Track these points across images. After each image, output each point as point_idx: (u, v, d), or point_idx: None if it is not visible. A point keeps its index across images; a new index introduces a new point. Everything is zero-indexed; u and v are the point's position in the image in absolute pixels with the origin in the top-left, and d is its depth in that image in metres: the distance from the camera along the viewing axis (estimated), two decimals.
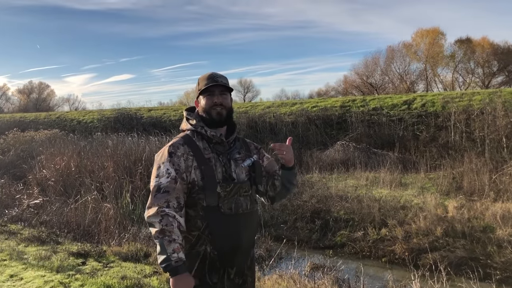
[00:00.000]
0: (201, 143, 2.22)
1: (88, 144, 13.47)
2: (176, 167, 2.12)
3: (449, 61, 42.17)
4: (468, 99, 16.26)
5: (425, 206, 8.77)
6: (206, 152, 2.20)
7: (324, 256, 7.76)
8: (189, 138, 2.23)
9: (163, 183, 2.07)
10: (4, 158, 16.01)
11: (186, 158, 2.15)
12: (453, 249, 7.21)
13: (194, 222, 2.14)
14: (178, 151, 2.16)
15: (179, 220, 2.02)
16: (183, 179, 2.12)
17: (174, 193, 2.06)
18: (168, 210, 2.00)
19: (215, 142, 2.23)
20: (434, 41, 41.62)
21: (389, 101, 18.52)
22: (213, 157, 2.19)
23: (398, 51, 43.80)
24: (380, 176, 11.45)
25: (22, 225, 8.23)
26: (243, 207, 2.20)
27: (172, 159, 2.13)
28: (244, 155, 2.33)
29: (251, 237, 2.31)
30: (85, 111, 33.38)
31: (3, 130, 22.63)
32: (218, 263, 2.15)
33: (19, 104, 59.65)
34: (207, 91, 2.27)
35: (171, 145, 2.20)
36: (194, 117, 2.31)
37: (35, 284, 4.81)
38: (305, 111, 19.18)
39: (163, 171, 2.12)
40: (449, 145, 14.15)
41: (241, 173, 2.26)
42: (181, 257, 1.93)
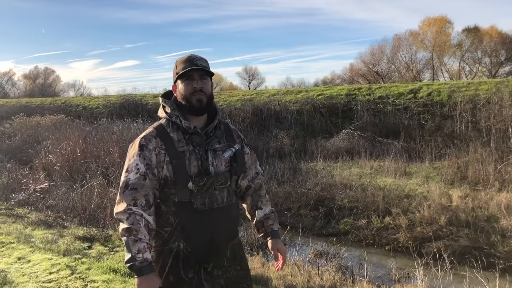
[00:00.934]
0: (176, 134, 2.04)
1: (93, 130, 13.51)
2: (148, 161, 1.97)
3: (456, 50, 41.83)
4: (475, 89, 16.15)
5: (429, 195, 8.77)
6: (180, 144, 2.02)
7: (327, 243, 7.81)
8: (162, 129, 2.05)
9: (131, 179, 1.95)
10: (11, 143, 16.11)
11: (158, 152, 1.99)
12: (457, 238, 7.23)
13: (166, 218, 2.03)
14: (150, 144, 2.00)
15: (147, 219, 1.92)
16: (154, 174, 1.98)
17: (142, 190, 1.94)
18: (135, 209, 1.90)
19: (191, 132, 2.04)
20: (441, 30, 41.26)
21: (395, 89, 18.42)
22: (188, 150, 2.02)
23: (404, 39, 43.50)
24: (384, 165, 11.45)
25: (29, 209, 8.32)
26: (218, 201, 2.07)
27: (143, 153, 1.98)
28: (226, 145, 2.15)
29: (229, 231, 2.16)
30: (91, 97, 33.45)
31: (9, 115, 22.77)
32: (193, 259, 2.05)
33: (25, 89, 59.81)
34: (185, 75, 2.06)
35: (143, 137, 2.03)
36: (170, 105, 2.11)
37: (42, 266, 4.88)
38: (310, 99, 19.12)
39: (132, 165, 1.98)
40: (455, 135, 14.09)
41: (220, 165, 2.09)
42: (146, 258, 1.87)
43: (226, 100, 21.62)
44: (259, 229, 2.32)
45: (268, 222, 2.30)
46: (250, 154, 2.32)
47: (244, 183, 2.30)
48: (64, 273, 4.70)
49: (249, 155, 2.31)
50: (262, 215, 2.31)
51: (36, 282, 4.43)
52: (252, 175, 2.32)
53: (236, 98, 21.79)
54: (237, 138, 2.25)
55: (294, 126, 17.43)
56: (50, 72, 62.99)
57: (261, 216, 2.31)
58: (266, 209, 2.33)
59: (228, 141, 2.17)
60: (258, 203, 2.33)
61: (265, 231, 2.30)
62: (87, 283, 4.42)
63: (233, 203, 2.16)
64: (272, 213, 2.33)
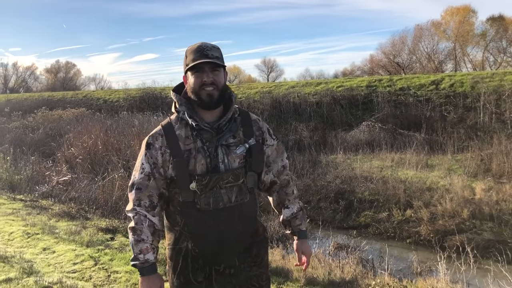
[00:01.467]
0: (183, 131, 1.93)
1: (114, 123, 13.66)
2: (154, 160, 1.91)
3: (480, 39, 40.87)
4: (499, 79, 15.79)
5: (452, 188, 8.65)
6: (187, 141, 1.91)
7: (348, 236, 7.77)
8: (169, 127, 1.95)
9: (137, 179, 1.92)
10: (34, 136, 16.42)
11: (164, 151, 1.91)
12: (480, 231, 7.12)
13: (174, 217, 1.98)
14: (156, 143, 1.93)
15: (152, 219, 1.89)
16: (161, 174, 1.92)
17: (146, 191, 1.90)
18: (139, 209, 1.89)
19: (199, 128, 1.91)
20: (465, 19, 40.34)
21: (416, 81, 18.14)
22: (195, 148, 1.89)
23: (426, 29, 42.66)
24: (406, 157, 11.32)
25: (53, 201, 8.47)
26: (224, 201, 1.92)
27: (150, 152, 1.92)
28: (241, 140, 1.98)
29: (242, 232, 2.00)
30: (111, 91, 33.81)
31: (32, 108, 23.22)
32: (201, 261, 1.97)
33: (47, 83, 60.76)
34: (195, 67, 1.90)
35: (150, 136, 1.96)
36: (178, 99, 1.99)
37: (66, 257, 4.97)
38: (330, 91, 18.98)
39: (138, 165, 1.94)
40: (478, 127, 13.84)
41: (233, 162, 1.94)
42: (148, 259, 1.86)
43: (245, 92, 21.61)
44: (286, 227, 2.20)
45: (295, 222, 2.16)
46: (276, 146, 2.13)
47: (269, 178, 2.13)
48: (87, 263, 4.78)
49: (274, 147, 2.12)
50: (289, 214, 2.16)
51: (61, 272, 4.51)
52: (277, 169, 2.14)
53: (254, 90, 21.76)
54: (257, 131, 2.06)
55: (314, 118, 17.34)
56: (71, 66, 63.84)
57: (288, 215, 2.16)
58: (294, 208, 2.17)
59: (245, 135, 2.00)
60: (285, 201, 2.17)
61: (292, 231, 2.18)
62: (110, 274, 4.49)
63: (245, 202, 1.99)
64: (300, 211, 2.17)
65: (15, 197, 8.59)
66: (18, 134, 16.60)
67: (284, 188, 2.17)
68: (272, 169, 2.13)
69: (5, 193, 9.02)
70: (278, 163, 2.14)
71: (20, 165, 10.71)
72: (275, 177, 2.13)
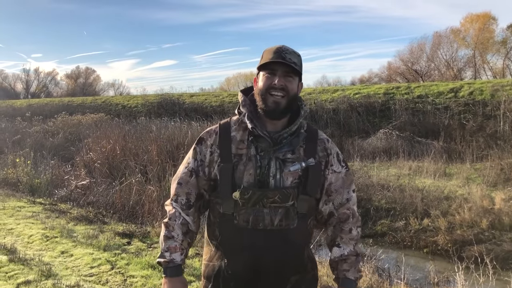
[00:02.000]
0: (240, 134, 1.76)
1: (132, 128, 13.82)
2: (202, 157, 1.79)
3: (500, 47, 40.28)
4: None
5: (470, 197, 8.52)
6: (240, 146, 1.74)
7: (364, 244, 7.70)
8: (225, 127, 1.80)
9: (180, 173, 1.83)
10: (54, 140, 16.69)
11: (213, 150, 1.77)
12: (500, 242, 6.99)
13: (213, 230, 1.81)
14: (208, 140, 1.80)
15: (186, 218, 1.78)
16: (205, 173, 1.79)
17: (185, 187, 1.80)
18: (175, 205, 1.80)
19: (257, 134, 1.71)
20: (485, 27, 39.84)
21: (434, 88, 17.97)
22: (247, 154, 1.72)
23: (445, 37, 42.24)
24: (423, 165, 11.20)
25: (71, 204, 8.59)
26: (265, 222, 1.69)
27: (200, 148, 1.81)
28: (300, 157, 1.75)
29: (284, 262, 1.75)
30: (130, 96, 34.21)
31: (53, 113, 23.61)
32: (233, 284, 1.75)
33: (67, 89, 61.82)
34: (267, 67, 1.72)
35: (206, 131, 1.84)
36: (242, 100, 1.83)
37: (84, 261, 5.04)
38: (347, 98, 18.91)
39: (186, 158, 1.86)
40: (498, 135, 13.62)
41: (286, 179, 1.71)
42: (173, 258, 1.73)
43: None
44: (333, 270, 1.89)
45: (342, 266, 1.83)
46: (344, 175, 1.87)
47: (327, 209, 1.88)
48: (104, 267, 4.84)
49: (340, 175, 1.86)
50: (338, 255, 1.84)
51: (79, 275, 4.57)
52: (339, 201, 1.86)
53: None
54: (322, 151, 1.83)
55: (330, 125, 17.28)
56: (90, 72, 64.88)
57: (337, 255, 1.85)
58: (346, 249, 1.84)
59: (306, 153, 1.77)
60: (337, 238, 1.87)
61: (337, 275, 1.85)
62: (126, 278, 4.53)
63: (291, 228, 1.73)
64: (352, 255, 1.83)
65: (34, 201, 8.74)
66: (39, 138, 16.89)
67: (341, 224, 1.87)
68: (334, 199, 1.86)
69: (25, 196, 9.18)
70: (343, 194, 1.87)
71: (40, 169, 10.88)
72: (334, 209, 1.87)
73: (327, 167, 1.83)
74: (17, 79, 61.39)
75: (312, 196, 1.79)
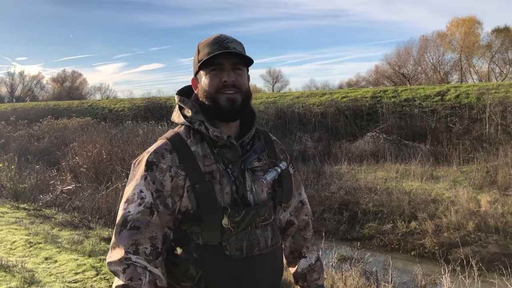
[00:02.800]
0: (200, 147, 1.42)
1: (119, 132, 13.72)
2: (158, 186, 1.35)
3: (486, 51, 40.87)
4: (505, 91, 15.74)
5: (457, 200, 8.58)
6: (207, 161, 1.40)
7: (351, 248, 7.71)
8: (180, 141, 1.43)
9: (132, 214, 1.31)
10: (39, 144, 16.50)
11: (175, 174, 1.36)
12: (486, 244, 7.05)
13: (185, 269, 1.40)
14: (162, 162, 1.37)
15: (154, 273, 1.30)
16: (167, 206, 1.35)
17: (147, 230, 1.31)
18: (135, 258, 1.28)
19: (222, 144, 1.43)
20: (470, 31, 40.39)
21: (421, 92, 18.12)
22: (218, 170, 1.41)
23: (432, 40, 42.73)
24: (410, 168, 11.27)
25: (56, 210, 8.48)
26: (260, 246, 1.44)
27: (152, 174, 1.35)
28: (267, 163, 1.53)
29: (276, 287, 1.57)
30: (116, 100, 33.97)
31: (38, 117, 23.34)
32: None
33: (53, 92, 61.27)
34: (211, 63, 1.43)
35: (152, 152, 1.40)
36: (190, 106, 1.48)
37: (68, 267, 4.95)
38: (334, 101, 18.98)
39: (134, 193, 1.35)
40: (484, 138, 13.77)
41: (260, 192, 1.47)
42: None
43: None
44: (299, 280, 1.70)
45: (312, 276, 1.68)
46: (293, 176, 1.68)
47: (285, 217, 1.68)
48: (89, 273, 4.76)
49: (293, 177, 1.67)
50: (305, 266, 1.68)
51: (63, 282, 4.49)
52: (295, 206, 1.70)
53: (259, 100, 21.80)
54: (281, 154, 1.64)
55: (318, 128, 17.33)
56: (77, 76, 64.36)
57: (304, 266, 1.68)
58: (312, 258, 1.70)
59: (270, 158, 1.57)
60: (302, 248, 1.69)
61: (307, 287, 1.68)
62: (111, 284, 4.46)
63: (278, 246, 1.55)
64: (317, 261, 1.70)
65: (18, 206, 8.60)
66: (24, 142, 16.69)
67: (302, 232, 1.71)
68: (289, 205, 1.68)
69: (9, 202, 9.03)
70: (296, 197, 1.70)
71: (24, 173, 10.74)
72: (292, 216, 1.69)
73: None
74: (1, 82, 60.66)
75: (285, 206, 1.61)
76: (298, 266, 1.68)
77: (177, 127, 1.51)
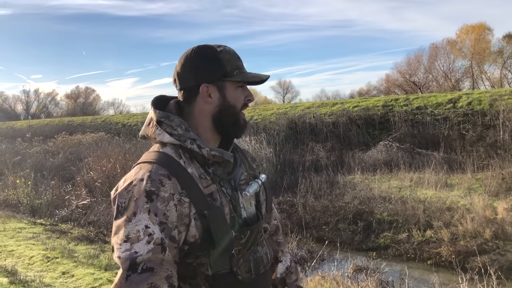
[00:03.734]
0: (194, 168, 1.29)
1: (133, 147, 13.85)
2: (161, 219, 1.17)
3: (497, 57, 40.58)
4: None
5: (473, 207, 8.49)
6: (204, 183, 1.28)
7: (367, 258, 7.65)
8: (173, 163, 1.27)
9: (141, 254, 1.11)
10: (54, 160, 16.69)
11: (179, 202, 1.21)
12: (504, 252, 6.94)
13: None
14: (162, 190, 1.19)
15: None
16: (173, 239, 1.19)
17: (162, 270, 1.13)
18: None
19: (214, 162, 1.33)
20: (480, 37, 40.16)
21: (433, 99, 18.02)
22: (217, 190, 1.30)
23: (442, 48, 42.57)
24: (424, 176, 11.17)
25: (72, 224, 8.57)
26: (264, 263, 1.40)
27: (153, 206, 1.16)
28: (248, 175, 1.46)
29: None
30: (129, 115, 34.28)
31: (53, 133, 23.66)
32: None
33: (67, 109, 62.12)
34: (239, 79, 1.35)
35: (148, 179, 1.20)
36: (179, 122, 1.33)
37: (85, 281, 5.00)
38: (346, 111, 18.95)
39: (137, 229, 1.14)
40: (498, 145, 13.61)
41: (249, 206, 1.40)
42: None
43: (261, 114, 21.71)
44: (278, 286, 1.66)
45: (291, 278, 1.67)
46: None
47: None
48: (106, 287, 4.80)
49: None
50: (283, 270, 1.66)
51: None
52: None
53: (270, 112, 21.85)
54: (253, 162, 1.57)
55: (330, 138, 17.29)
56: (90, 92, 65.25)
57: (282, 271, 1.65)
58: (287, 260, 1.68)
59: (248, 169, 1.49)
60: (278, 253, 1.66)
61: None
62: None
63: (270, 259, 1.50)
64: (291, 262, 1.69)
65: (35, 221, 8.71)
66: (39, 159, 16.91)
67: (274, 237, 1.67)
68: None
69: (26, 218, 9.16)
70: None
71: (40, 189, 10.87)
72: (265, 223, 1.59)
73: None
74: (17, 100, 61.83)
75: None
76: (277, 272, 1.65)
77: (157, 147, 1.35)
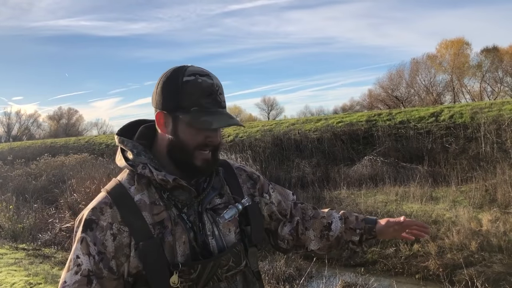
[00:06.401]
0: (147, 194, 1.24)
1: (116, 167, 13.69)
2: (99, 248, 1.16)
3: (476, 71, 41.46)
4: (498, 109, 15.89)
5: (458, 220, 8.55)
6: (155, 209, 1.22)
7: (355, 274, 7.63)
8: (121, 191, 1.24)
9: (68, 285, 1.14)
10: (37, 183, 16.43)
11: (118, 231, 1.17)
12: (490, 264, 6.99)
13: None
14: (101, 219, 1.18)
15: None
16: (112, 270, 1.16)
17: None
18: None
19: (172, 187, 1.25)
20: (459, 52, 41.06)
21: (415, 113, 18.27)
22: (170, 218, 1.22)
23: (422, 63, 43.36)
24: (410, 190, 11.25)
25: (55, 248, 8.40)
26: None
27: (91, 235, 1.16)
28: (230, 198, 1.37)
29: None
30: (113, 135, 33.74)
31: (35, 156, 23.31)
32: None
33: (50, 130, 61.43)
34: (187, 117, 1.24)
35: (92, 208, 1.21)
36: (131, 147, 1.30)
37: None
38: (330, 126, 19.09)
39: (71, 258, 1.18)
40: (480, 157, 13.81)
41: (227, 233, 1.32)
42: None
43: (246, 131, 21.75)
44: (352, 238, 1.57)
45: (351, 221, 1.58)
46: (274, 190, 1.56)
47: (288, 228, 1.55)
48: None
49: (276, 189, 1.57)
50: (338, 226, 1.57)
51: None
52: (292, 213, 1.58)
53: (255, 129, 21.89)
54: (247, 181, 1.48)
55: (315, 154, 17.36)
56: (73, 112, 64.67)
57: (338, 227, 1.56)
58: (335, 216, 1.59)
59: (233, 190, 1.40)
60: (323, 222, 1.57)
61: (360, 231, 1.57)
62: None
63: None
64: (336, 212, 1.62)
65: (17, 247, 8.52)
66: (21, 182, 16.63)
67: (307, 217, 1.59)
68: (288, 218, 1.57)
69: (7, 243, 8.95)
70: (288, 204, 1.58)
71: (22, 213, 10.67)
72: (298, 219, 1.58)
73: (262, 195, 1.49)
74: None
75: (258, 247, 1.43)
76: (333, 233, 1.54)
77: (121, 173, 1.33)
